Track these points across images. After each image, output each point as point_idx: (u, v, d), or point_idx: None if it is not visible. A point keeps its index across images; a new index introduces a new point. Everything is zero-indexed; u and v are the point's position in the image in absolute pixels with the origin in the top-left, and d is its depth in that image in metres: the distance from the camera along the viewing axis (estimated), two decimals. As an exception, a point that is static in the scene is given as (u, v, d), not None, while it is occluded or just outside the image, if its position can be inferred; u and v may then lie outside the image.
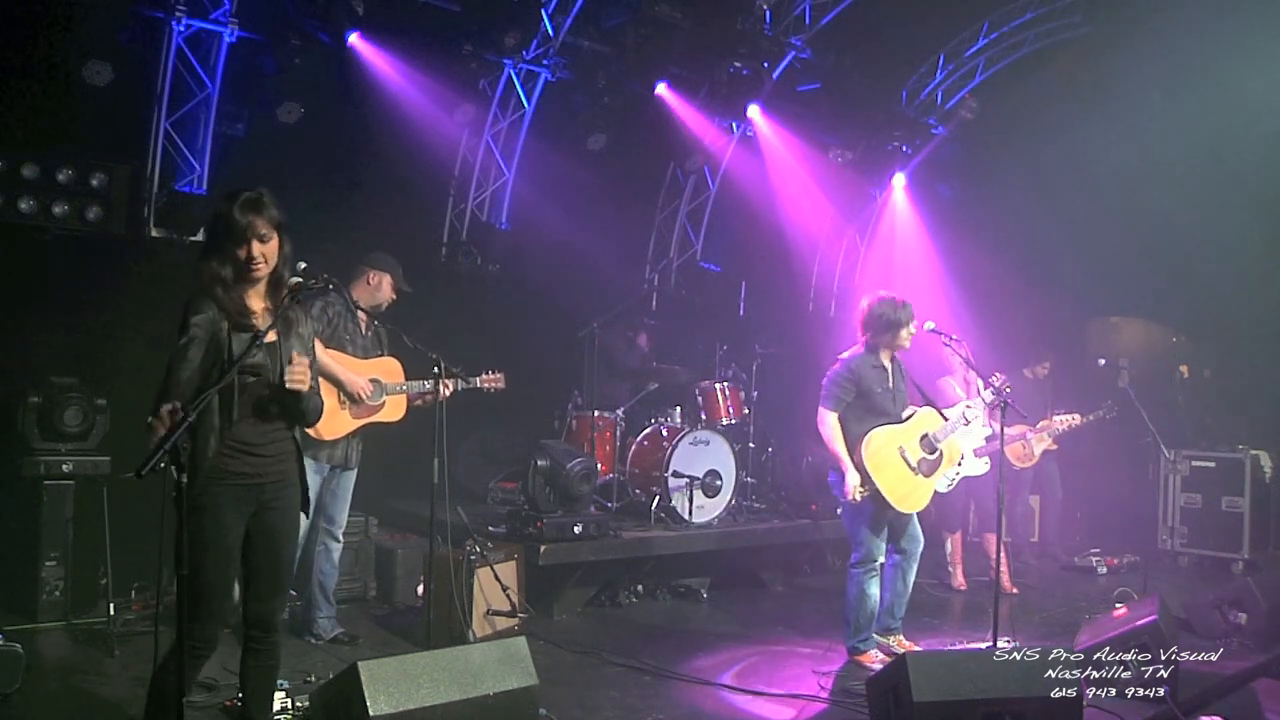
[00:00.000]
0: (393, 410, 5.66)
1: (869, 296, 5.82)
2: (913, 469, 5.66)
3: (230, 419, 3.40)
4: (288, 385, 3.42)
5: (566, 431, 7.73)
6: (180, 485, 3.05)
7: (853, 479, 5.54)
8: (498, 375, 5.87)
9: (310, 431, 5.22)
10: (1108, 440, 9.12)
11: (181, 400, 3.20)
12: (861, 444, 5.59)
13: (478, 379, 5.76)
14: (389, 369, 5.66)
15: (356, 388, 5.45)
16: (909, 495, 5.66)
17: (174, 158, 7.13)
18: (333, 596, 5.83)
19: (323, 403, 5.27)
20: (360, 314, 5.68)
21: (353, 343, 5.61)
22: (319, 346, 3.75)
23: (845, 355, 5.78)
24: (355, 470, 5.75)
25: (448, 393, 5.36)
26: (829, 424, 5.65)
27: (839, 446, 5.61)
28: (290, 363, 3.44)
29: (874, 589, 5.73)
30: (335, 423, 5.44)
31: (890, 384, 5.74)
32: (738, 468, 7.69)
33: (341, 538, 5.83)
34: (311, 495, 5.46)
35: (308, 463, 5.29)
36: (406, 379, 5.67)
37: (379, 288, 5.76)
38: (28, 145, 6.49)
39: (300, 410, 3.56)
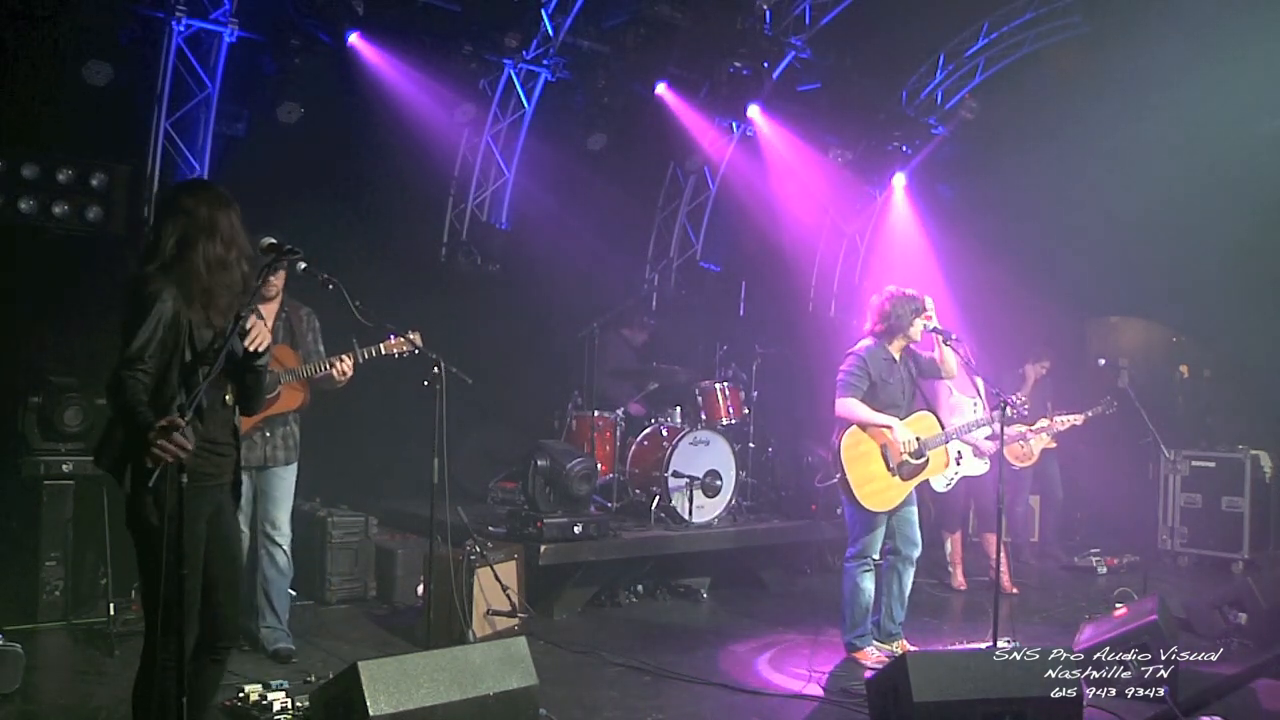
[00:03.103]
0: (290, 398, 5.35)
1: (883, 291, 5.85)
2: (890, 469, 5.66)
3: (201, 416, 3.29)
4: (249, 347, 3.31)
5: (566, 431, 7.73)
6: (181, 488, 3.03)
7: (902, 434, 5.60)
8: (411, 336, 5.19)
9: None
10: (1108, 440, 9.13)
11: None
12: (844, 433, 5.62)
13: (382, 345, 5.22)
14: (282, 356, 5.35)
15: None
16: (877, 493, 5.64)
17: (174, 158, 7.13)
18: (280, 606, 5.46)
19: (276, 378, 5.19)
20: (264, 305, 5.32)
21: None
22: None
23: (857, 348, 5.80)
24: (290, 467, 5.42)
25: (347, 366, 5.18)
26: (850, 406, 5.63)
27: (871, 415, 5.61)
28: (247, 326, 3.31)
29: (868, 584, 5.74)
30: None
31: (901, 376, 5.78)
32: (738, 468, 7.68)
33: (283, 540, 5.44)
34: (247, 499, 5.26)
35: None
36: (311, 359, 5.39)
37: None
38: (28, 145, 6.49)
39: (260, 386, 3.47)
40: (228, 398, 3.43)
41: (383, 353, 5.26)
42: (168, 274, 3.29)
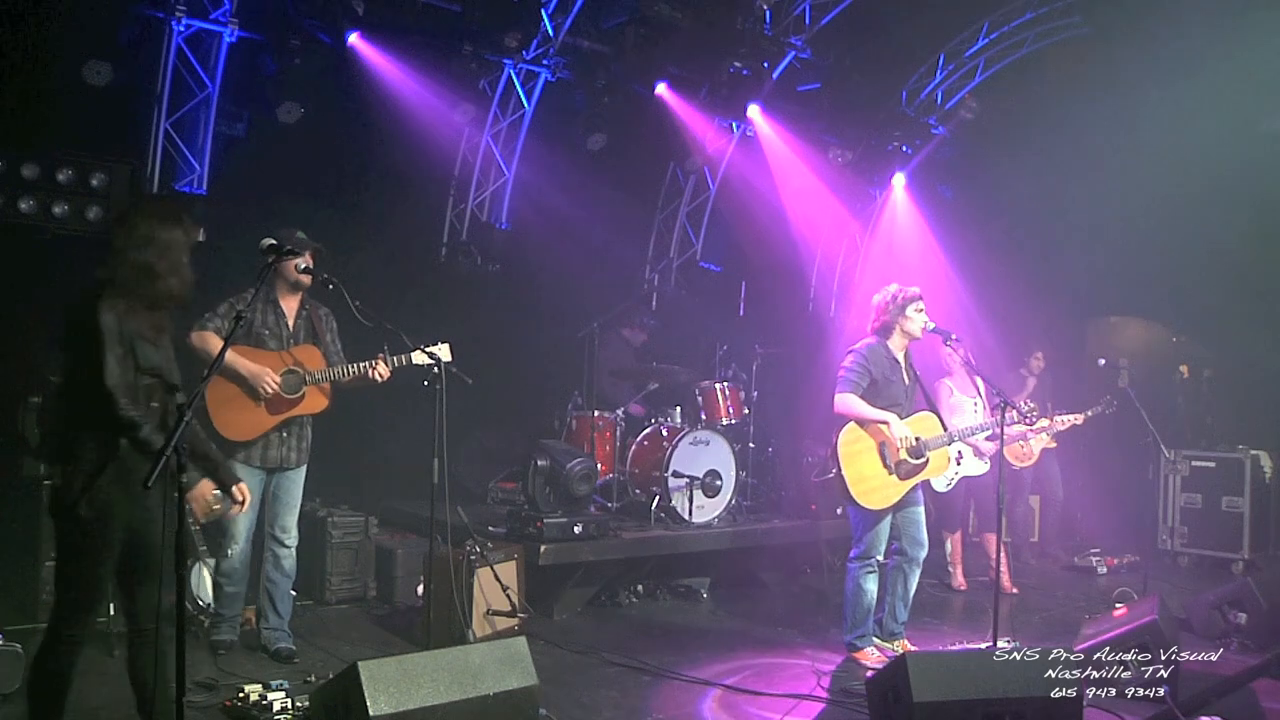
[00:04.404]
0: (314, 401, 5.34)
1: (884, 290, 5.85)
2: (888, 468, 5.65)
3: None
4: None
5: (566, 431, 7.73)
6: (181, 485, 3.09)
7: (899, 430, 5.56)
8: (440, 347, 5.20)
9: (222, 432, 5.09)
10: (1108, 440, 9.14)
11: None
12: (843, 430, 5.62)
13: (412, 355, 5.17)
14: (307, 357, 5.31)
15: (259, 382, 5.12)
16: (873, 491, 5.63)
17: (174, 158, 7.14)
18: (282, 608, 5.47)
19: (301, 379, 5.25)
20: (286, 302, 5.36)
21: (275, 336, 5.31)
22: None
23: (858, 346, 5.80)
24: (301, 470, 5.42)
25: (386, 370, 5.19)
26: (850, 401, 5.60)
27: (869, 411, 5.58)
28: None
29: (871, 585, 5.74)
30: (250, 421, 5.19)
31: (903, 375, 5.78)
32: (738, 468, 7.68)
33: (290, 544, 5.46)
34: (254, 500, 5.23)
35: (240, 467, 5.17)
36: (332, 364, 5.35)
37: (279, 270, 5.22)
38: (28, 145, 6.49)
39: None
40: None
41: (413, 362, 5.19)
42: (112, 285, 3.53)
